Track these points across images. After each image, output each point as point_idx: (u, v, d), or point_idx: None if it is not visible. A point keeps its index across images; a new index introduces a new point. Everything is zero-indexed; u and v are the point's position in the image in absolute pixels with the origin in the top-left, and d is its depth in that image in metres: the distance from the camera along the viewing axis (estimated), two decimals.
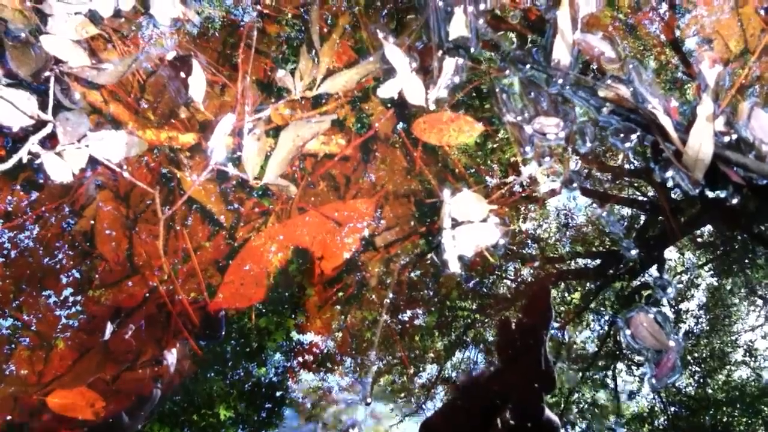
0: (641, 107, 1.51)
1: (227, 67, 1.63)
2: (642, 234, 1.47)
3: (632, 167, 1.53)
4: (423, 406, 1.37)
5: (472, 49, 1.64)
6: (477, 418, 1.34)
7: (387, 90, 1.59)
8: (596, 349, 1.39)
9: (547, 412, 1.34)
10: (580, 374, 1.38)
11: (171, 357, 1.38)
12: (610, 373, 1.38)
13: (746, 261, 1.45)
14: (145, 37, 1.63)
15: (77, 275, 1.43)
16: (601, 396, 1.37)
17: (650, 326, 1.38)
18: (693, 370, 1.37)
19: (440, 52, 1.63)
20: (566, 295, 1.43)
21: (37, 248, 1.45)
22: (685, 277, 1.44)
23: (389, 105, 1.60)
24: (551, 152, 1.54)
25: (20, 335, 1.39)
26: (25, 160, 1.46)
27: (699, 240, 1.47)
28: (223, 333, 1.40)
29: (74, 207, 1.48)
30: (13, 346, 1.38)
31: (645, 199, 1.50)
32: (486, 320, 1.42)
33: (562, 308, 1.42)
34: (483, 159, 1.55)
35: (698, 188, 1.48)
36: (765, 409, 1.36)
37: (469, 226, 1.46)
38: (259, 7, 1.69)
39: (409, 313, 1.43)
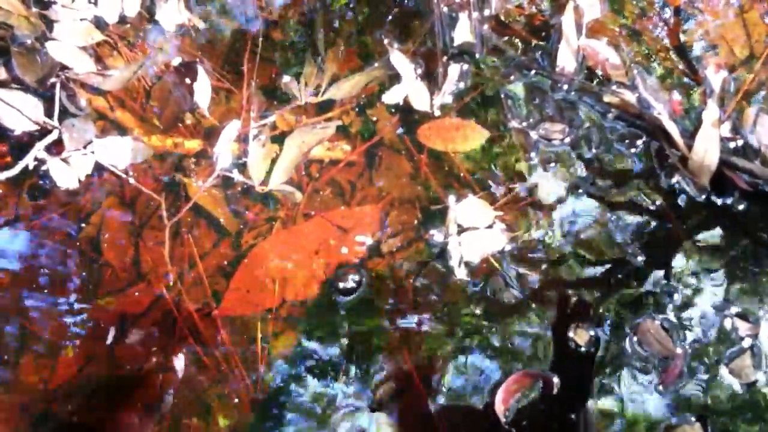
0: (646, 113, 1.51)
1: (232, 73, 1.63)
2: (648, 240, 1.47)
3: (638, 173, 1.53)
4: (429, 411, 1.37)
5: (477, 55, 1.64)
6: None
7: (392, 96, 1.59)
8: (602, 355, 1.39)
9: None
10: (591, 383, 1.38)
11: (178, 363, 1.38)
12: (616, 379, 1.38)
13: (753, 267, 1.45)
14: (151, 44, 1.64)
15: (83, 282, 1.43)
16: (607, 402, 1.37)
17: (657, 333, 1.37)
18: (700, 377, 1.36)
19: (445, 58, 1.63)
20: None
21: (43, 255, 1.45)
22: (691, 284, 1.44)
23: (394, 111, 1.60)
24: (556, 158, 1.54)
25: (26, 343, 1.39)
26: (31, 167, 1.47)
27: (705, 246, 1.47)
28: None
29: (80, 213, 1.49)
30: (19, 353, 1.38)
31: (651, 205, 1.50)
32: (492, 326, 1.42)
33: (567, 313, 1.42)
34: (488, 165, 1.55)
35: (704, 194, 1.48)
36: None
37: (475, 233, 1.46)
38: (264, 13, 1.69)
39: (414, 319, 1.42)
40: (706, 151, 1.44)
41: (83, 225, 1.48)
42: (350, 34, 1.68)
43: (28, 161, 1.46)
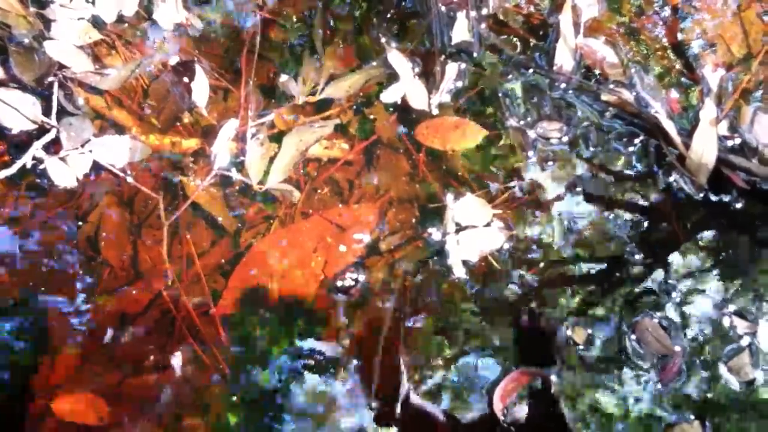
0: (644, 111, 1.51)
1: (230, 72, 1.63)
2: (646, 238, 1.47)
3: (635, 171, 1.53)
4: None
5: (475, 54, 1.64)
6: None
7: (390, 95, 1.59)
8: (601, 354, 1.39)
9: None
10: (585, 380, 1.38)
11: (175, 361, 1.38)
12: (615, 378, 1.38)
13: (750, 265, 1.45)
14: (149, 43, 1.64)
15: (82, 281, 1.43)
16: (606, 402, 1.37)
17: (655, 331, 1.38)
18: (698, 375, 1.36)
19: (443, 57, 1.63)
20: (570, 300, 1.43)
21: (41, 254, 1.45)
22: (689, 282, 1.44)
23: (392, 110, 1.60)
24: (554, 157, 1.55)
25: (24, 341, 1.39)
26: (29, 166, 1.47)
27: (703, 244, 1.47)
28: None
29: (78, 212, 1.48)
30: (17, 351, 1.38)
31: (649, 203, 1.50)
32: (490, 325, 1.42)
33: (566, 313, 1.42)
34: (486, 163, 1.55)
35: (702, 192, 1.48)
36: None
37: (473, 231, 1.46)
38: (262, 12, 1.69)
39: (413, 318, 1.43)
40: (704, 149, 1.45)
41: (81, 224, 1.48)
42: (348, 33, 1.68)
43: (26, 160, 1.46)
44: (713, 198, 1.48)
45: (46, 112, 1.49)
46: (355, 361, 1.40)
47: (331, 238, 1.49)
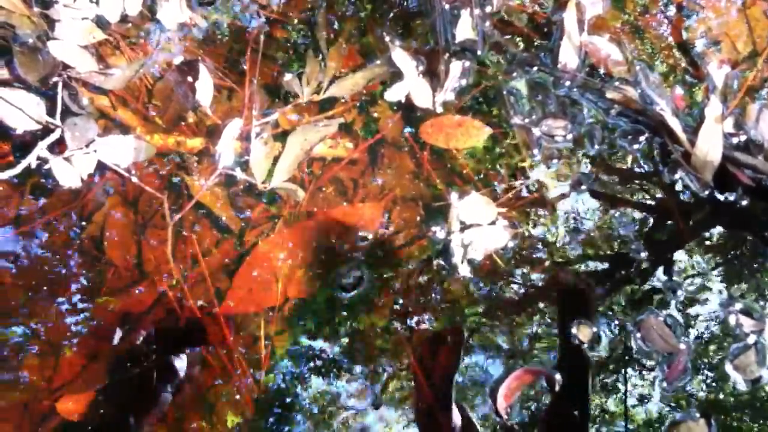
0: (649, 109, 1.51)
1: (234, 71, 1.63)
2: (651, 236, 1.47)
3: (641, 169, 1.52)
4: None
5: (479, 52, 1.64)
6: None
7: (394, 93, 1.59)
8: (606, 353, 1.38)
9: None
10: (590, 379, 1.37)
11: (180, 362, 1.38)
12: (620, 377, 1.37)
13: (755, 264, 1.45)
14: (153, 43, 1.64)
15: (86, 281, 1.43)
16: (611, 401, 1.37)
17: (660, 329, 1.37)
18: (704, 373, 1.36)
19: (447, 55, 1.63)
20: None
21: (46, 254, 1.45)
22: (695, 280, 1.43)
23: (396, 108, 1.60)
24: (559, 155, 1.54)
25: (30, 342, 1.39)
26: (33, 166, 1.47)
27: (708, 243, 1.46)
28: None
29: (83, 212, 1.49)
30: (22, 353, 1.38)
31: (654, 201, 1.50)
32: (494, 324, 1.42)
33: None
34: (491, 162, 1.55)
35: (707, 190, 1.48)
36: None
37: (478, 230, 1.46)
38: (265, 12, 1.69)
39: (417, 317, 1.42)
40: (709, 147, 1.44)
41: (86, 224, 1.48)
42: (352, 32, 1.68)
43: (31, 160, 1.46)
44: (719, 195, 1.47)
45: (51, 112, 1.50)
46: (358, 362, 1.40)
47: (336, 238, 1.49)
